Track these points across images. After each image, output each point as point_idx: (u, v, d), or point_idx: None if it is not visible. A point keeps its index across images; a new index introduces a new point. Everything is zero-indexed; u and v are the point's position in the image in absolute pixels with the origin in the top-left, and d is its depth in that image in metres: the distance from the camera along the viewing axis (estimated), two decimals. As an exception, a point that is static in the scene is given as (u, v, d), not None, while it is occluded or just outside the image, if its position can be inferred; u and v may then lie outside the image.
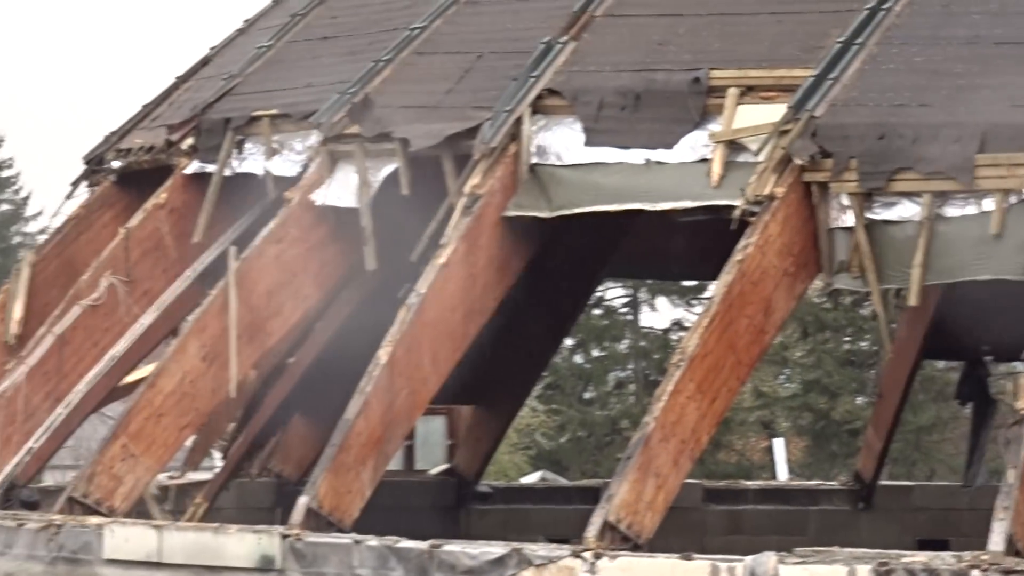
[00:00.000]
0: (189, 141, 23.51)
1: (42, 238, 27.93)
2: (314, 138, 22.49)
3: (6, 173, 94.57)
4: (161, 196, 23.40)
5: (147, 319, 23.26)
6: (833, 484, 34.87)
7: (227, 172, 23.25)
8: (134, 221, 23.43)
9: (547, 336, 31.99)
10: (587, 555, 17.80)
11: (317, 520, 19.56)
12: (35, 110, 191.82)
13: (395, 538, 18.85)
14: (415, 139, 21.74)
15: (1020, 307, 21.16)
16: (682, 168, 20.40)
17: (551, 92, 21.28)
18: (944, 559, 17.62)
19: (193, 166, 23.60)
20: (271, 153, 23.05)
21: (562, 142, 21.02)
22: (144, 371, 25.38)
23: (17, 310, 24.47)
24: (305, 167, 22.70)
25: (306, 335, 25.90)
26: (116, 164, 25.20)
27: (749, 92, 20.25)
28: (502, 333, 25.41)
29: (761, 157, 19.72)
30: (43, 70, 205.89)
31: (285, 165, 22.97)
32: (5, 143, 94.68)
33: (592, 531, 18.22)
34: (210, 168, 23.30)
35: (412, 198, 21.84)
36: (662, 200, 20.77)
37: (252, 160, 23.39)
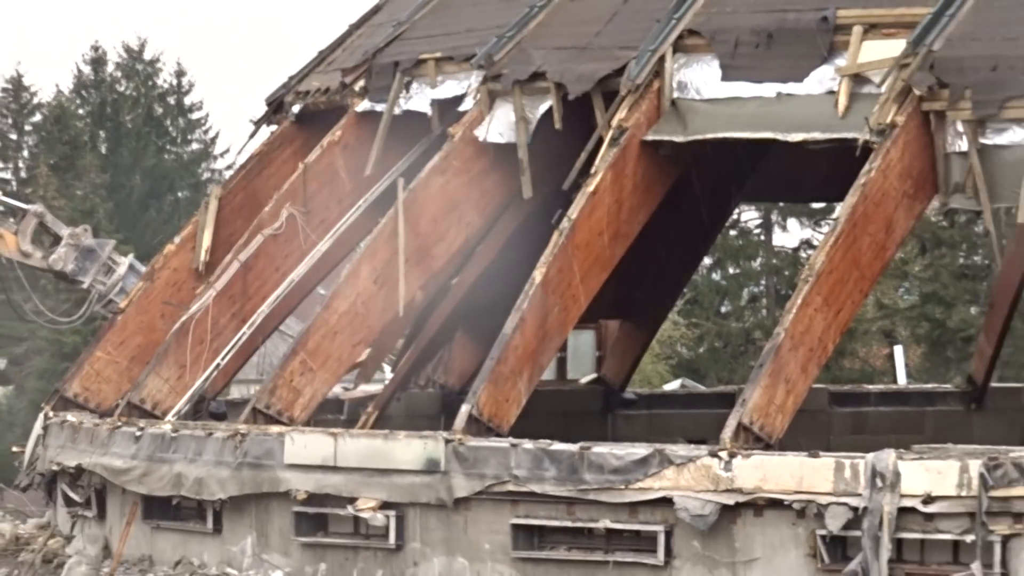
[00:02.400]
0: (361, 83, 23.91)
1: (228, 174, 28.37)
2: (475, 78, 22.81)
3: (196, 115, 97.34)
4: (336, 133, 23.78)
5: (323, 246, 23.69)
6: (948, 387, 34.84)
7: (396, 111, 23.59)
8: (311, 157, 23.85)
9: (687, 255, 32.14)
10: (723, 454, 18.17)
11: (478, 426, 19.94)
12: (223, 55, 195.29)
13: (548, 441, 19.15)
14: (569, 83, 22.05)
15: None
16: (811, 100, 20.65)
17: (691, 32, 21.50)
18: None
19: (364, 105, 23.97)
20: (436, 92, 23.48)
21: (701, 78, 21.30)
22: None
23: (206, 239, 24.95)
24: (466, 105, 22.94)
25: (468, 258, 26.08)
26: (295, 105, 25.63)
27: (872, 29, 20.49)
28: (646, 253, 25.56)
29: (883, 89, 20.05)
30: (230, 17, 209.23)
31: (448, 103, 23.23)
32: (196, 87, 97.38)
33: (728, 432, 18.56)
34: (380, 107, 23.64)
35: (564, 132, 22.12)
36: (793, 131, 20.97)
37: (418, 99, 23.71)
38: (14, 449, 27.94)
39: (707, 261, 61.20)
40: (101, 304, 27.89)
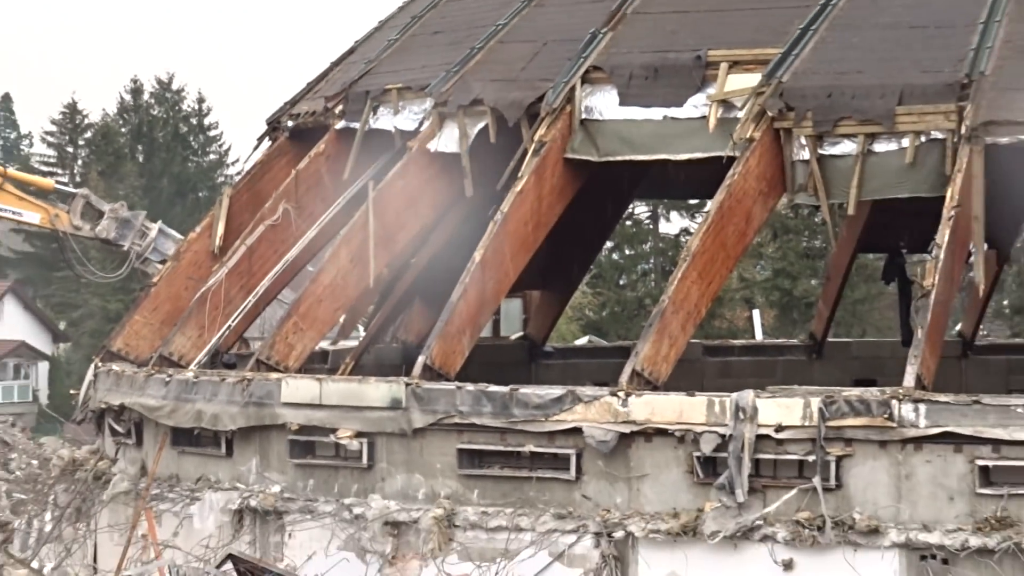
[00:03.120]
0: (340, 107, 24.02)
1: (237, 178, 28.41)
2: (428, 104, 22.87)
3: (213, 132, 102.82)
4: (320, 147, 23.84)
5: (311, 234, 23.81)
6: (794, 341, 35.39)
7: (366, 129, 23.62)
8: (301, 165, 23.91)
9: (594, 240, 32.35)
10: (621, 394, 18.52)
11: (431, 373, 20.13)
12: (234, 85, 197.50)
13: (485, 384, 19.44)
14: (502, 107, 22.12)
15: (927, 214, 21.24)
16: (689, 121, 20.89)
17: (595, 68, 21.68)
18: (872, 392, 18.33)
19: (342, 124, 24.04)
20: (397, 114, 23.51)
21: (603, 103, 21.40)
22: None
23: (220, 229, 25.08)
24: (421, 124, 23.05)
25: (423, 243, 26.27)
26: (289, 124, 25.72)
27: (735, 65, 20.77)
28: (562, 238, 25.62)
29: (744, 111, 20.28)
30: (239, 57, 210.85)
31: (407, 123, 23.29)
32: (213, 111, 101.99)
33: (624, 377, 18.89)
34: (354, 126, 23.66)
35: (497, 145, 22.18)
36: (678, 151, 21.00)
37: (384, 120, 23.81)
38: (71, 392, 28.28)
39: (609, 244, 63.33)
40: (139, 262, 28.05)
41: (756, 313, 49.73)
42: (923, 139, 19.52)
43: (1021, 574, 17.45)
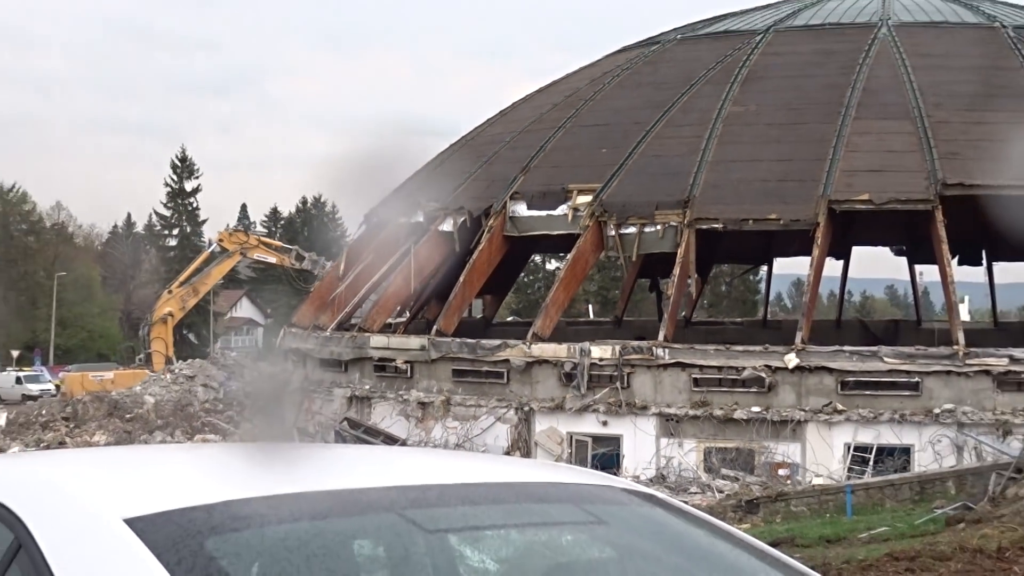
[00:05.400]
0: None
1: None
2: (437, 207, 22.18)
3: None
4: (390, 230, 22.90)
5: (384, 268, 23.13)
6: (608, 319, 31.25)
7: (410, 220, 22.31)
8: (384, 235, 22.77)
9: (515, 272, 30.64)
10: (527, 343, 18.97)
11: (439, 333, 20.30)
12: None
13: (465, 338, 19.84)
14: (471, 210, 21.88)
15: (669, 262, 21.26)
16: (561, 216, 21.64)
17: (516, 192, 21.98)
18: (643, 343, 19.25)
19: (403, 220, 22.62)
20: (421, 211, 22.35)
21: (519, 208, 22.12)
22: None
23: (341, 266, 24.45)
24: (435, 218, 22.40)
25: (436, 273, 24.00)
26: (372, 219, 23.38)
27: (581, 191, 21.49)
28: (500, 271, 24.14)
29: (583, 212, 21.11)
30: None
31: (426, 217, 22.29)
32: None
33: (529, 335, 19.31)
34: (403, 220, 22.80)
35: (470, 228, 22.34)
36: (554, 230, 21.68)
37: (418, 215, 22.46)
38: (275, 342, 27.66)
39: (522, 274, 53.80)
40: (319, 277, 28.67)
41: (589, 306, 48.02)
42: (667, 226, 20.36)
43: (712, 429, 18.39)
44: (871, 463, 17.39)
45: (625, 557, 1.75)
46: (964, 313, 22.27)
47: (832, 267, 26.67)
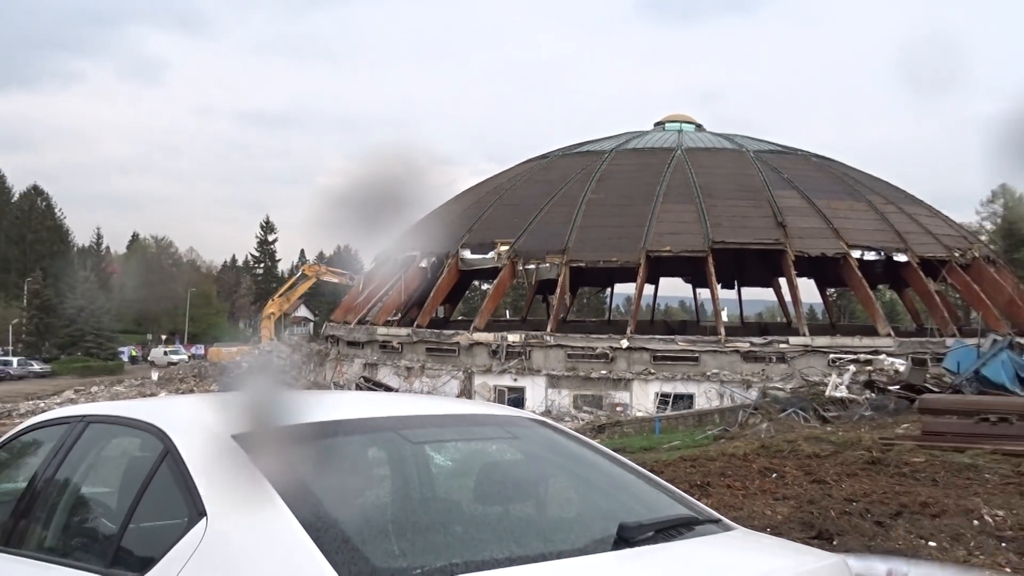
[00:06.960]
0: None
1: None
2: (419, 252, 21.47)
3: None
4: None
5: (382, 293, 22.85)
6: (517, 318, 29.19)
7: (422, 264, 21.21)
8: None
9: (462, 290, 28.01)
10: (471, 331, 19.89)
11: (418, 326, 20.72)
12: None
13: (433, 330, 20.48)
14: (437, 253, 21.83)
15: (554, 285, 22.31)
16: (491, 258, 21.65)
17: (464, 244, 22.18)
18: (538, 333, 20.06)
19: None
20: (409, 254, 21.15)
21: (466, 254, 22.46)
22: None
23: (361, 284, 23.82)
24: (418, 257, 22.05)
25: (418, 291, 23.40)
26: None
27: (502, 243, 21.77)
28: (454, 290, 24.34)
29: (504, 255, 21.65)
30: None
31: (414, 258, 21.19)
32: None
33: (471, 327, 20.23)
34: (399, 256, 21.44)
35: (436, 264, 22.63)
36: (486, 266, 21.79)
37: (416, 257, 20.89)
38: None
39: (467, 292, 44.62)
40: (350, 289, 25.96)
41: (507, 311, 39.42)
42: (553, 264, 21.46)
43: (578, 383, 18.95)
44: (670, 404, 18.48)
45: (530, 457, 1.90)
46: (724, 316, 23.47)
47: (648, 289, 27.51)
